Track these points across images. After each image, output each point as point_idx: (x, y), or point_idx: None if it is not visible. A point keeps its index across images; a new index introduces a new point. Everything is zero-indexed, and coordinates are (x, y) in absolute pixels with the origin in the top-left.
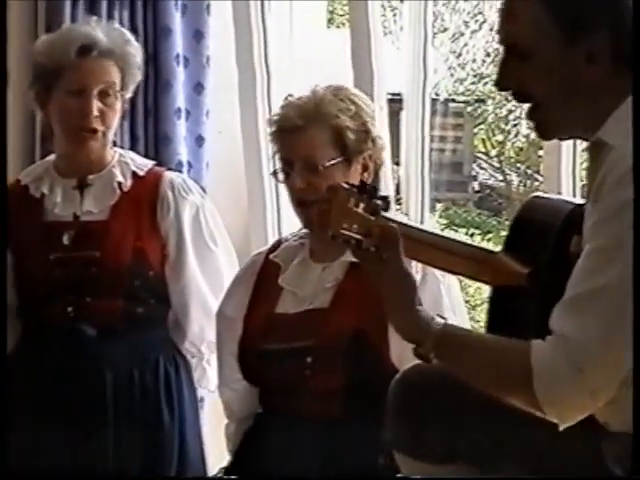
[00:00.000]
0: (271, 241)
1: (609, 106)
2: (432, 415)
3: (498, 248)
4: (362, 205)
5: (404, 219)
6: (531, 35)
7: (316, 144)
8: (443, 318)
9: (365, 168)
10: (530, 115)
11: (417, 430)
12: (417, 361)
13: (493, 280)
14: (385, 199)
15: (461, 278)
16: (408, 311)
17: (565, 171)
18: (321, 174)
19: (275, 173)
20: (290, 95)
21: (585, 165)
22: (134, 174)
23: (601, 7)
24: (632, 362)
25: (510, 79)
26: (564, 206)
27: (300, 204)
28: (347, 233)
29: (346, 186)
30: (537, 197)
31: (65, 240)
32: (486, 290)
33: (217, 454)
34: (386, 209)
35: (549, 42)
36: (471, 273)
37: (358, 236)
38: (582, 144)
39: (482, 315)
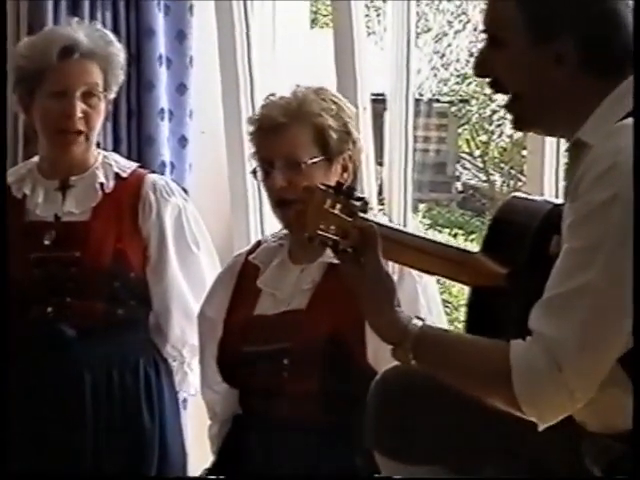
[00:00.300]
0: (253, 241)
1: (588, 107)
2: (412, 416)
3: (477, 249)
4: (339, 206)
5: (384, 220)
6: (505, 27)
7: (298, 142)
8: (421, 319)
9: (345, 169)
10: (506, 106)
11: (397, 431)
12: (395, 363)
13: (472, 281)
14: (362, 200)
15: (442, 279)
16: (386, 313)
17: (548, 172)
18: (302, 172)
19: (255, 172)
20: (271, 94)
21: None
22: (117, 176)
23: (570, 12)
24: (611, 363)
25: (484, 67)
26: (543, 206)
27: (279, 203)
28: (323, 234)
29: (322, 187)
30: (516, 197)
31: (46, 240)
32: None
33: (201, 456)
34: (364, 210)
35: (520, 37)
36: (449, 274)
37: (335, 237)
38: (565, 145)
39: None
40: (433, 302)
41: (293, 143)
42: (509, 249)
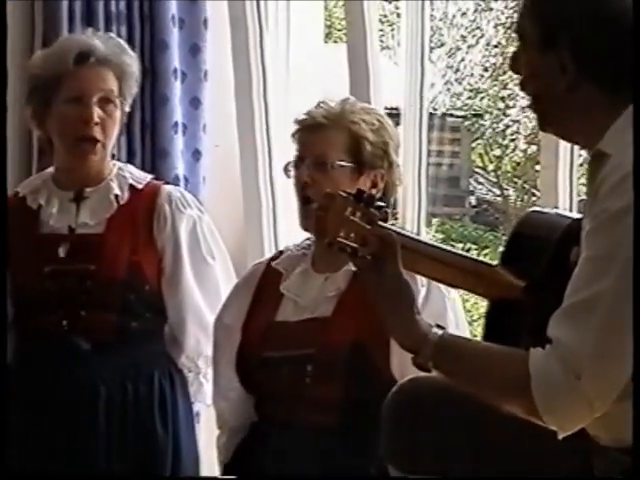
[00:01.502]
0: (267, 254)
1: (605, 119)
2: (424, 430)
3: (495, 263)
4: (359, 214)
5: (403, 230)
6: (523, 34)
7: (330, 144)
8: (441, 327)
9: (374, 185)
10: (529, 105)
11: (408, 444)
12: (418, 373)
13: (489, 293)
14: (383, 208)
15: (460, 292)
16: (406, 319)
17: (562, 186)
18: (328, 174)
19: (286, 168)
20: (322, 101)
21: (582, 180)
22: (131, 187)
23: (567, 24)
24: (631, 372)
25: (515, 65)
26: (561, 220)
27: (303, 201)
28: (343, 241)
29: (343, 194)
30: (534, 212)
31: (60, 252)
32: (483, 305)
33: (212, 467)
34: (385, 219)
35: (533, 44)
36: (468, 286)
37: (354, 244)
38: (579, 159)
39: (479, 330)
40: (460, 317)
41: (325, 143)
42: (528, 262)
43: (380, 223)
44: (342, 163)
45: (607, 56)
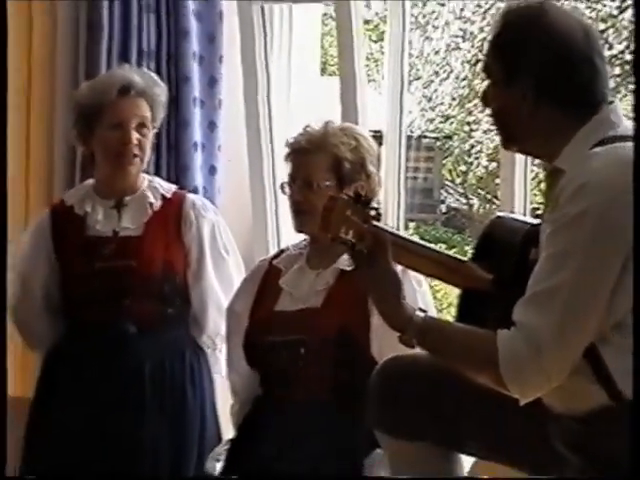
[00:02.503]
0: (271, 251)
1: (563, 139)
2: (405, 399)
3: (466, 259)
4: (357, 214)
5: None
6: (490, 72)
7: (315, 167)
8: (423, 311)
9: (367, 196)
10: (497, 129)
11: (392, 412)
12: (395, 354)
13: (462, 284)
14: (377, 210)
15: (434, 283)
16: (394, 303)
17: (518, 196)
18: (315, 192)
19: (282, 186)
20: (308, 126)
21: (535, 191)
22: (162, 196)
23: (527, 60)
24: (582, 351)
25: (485, 99)
26: (522, 225)
27: (295, 213)
28: (344, 237)
29: (345, 197)
30: (500, 217)
31: (106, 252)
32: (452, 296)
33: (224, 429)
34: (378, 219)
35: (499, 80)
36: (443, 277)
37: (352, 240)
38: (532, 174)
39: (448, 317)
40: (430, 306)
41: (311, 167)
42: (494, 259)
43: (374, 223)
44: (326, 183)
45: (561, 84)
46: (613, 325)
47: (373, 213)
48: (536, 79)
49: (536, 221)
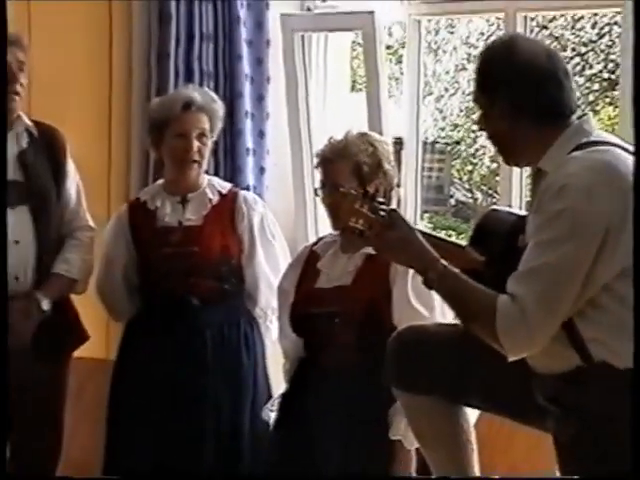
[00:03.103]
0: (310, 239)
1: (543, 146)
2: (415, 361)
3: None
4: (366, 206)
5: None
6: (476, 98)
7: (340, 173)
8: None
9: (376, 190)
10: (493, 145)
11: (404, 371)
12: (411, 323)
13: (460, 265)
14: (383, 203)
15: None
16: (421, 250)
17: (515, 192)
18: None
19: (316, 191)
20: (331, 137)
21: (529, 187)
22: (219, 192)
23: (501, 82)
24: (561, 321)
25: (480, 123)
26: (511, 217)
27: (330, 213)
28: (353, 225)
29: (353, 192)
30: (493, 210)
31: (174, 239)
32: None
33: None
34: (384, 209)
35: (484, 103)
36: (446, 258)
37: (362, 228)
38: (526, 173)
39: None
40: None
41: (336, 173)
42: (487, 245)
43: (382, 213)
44: (350, 185)
45: (531, 100)
46: (588, 301)
47: (381, 205)
48: (510, 100)
49: (523, 213)
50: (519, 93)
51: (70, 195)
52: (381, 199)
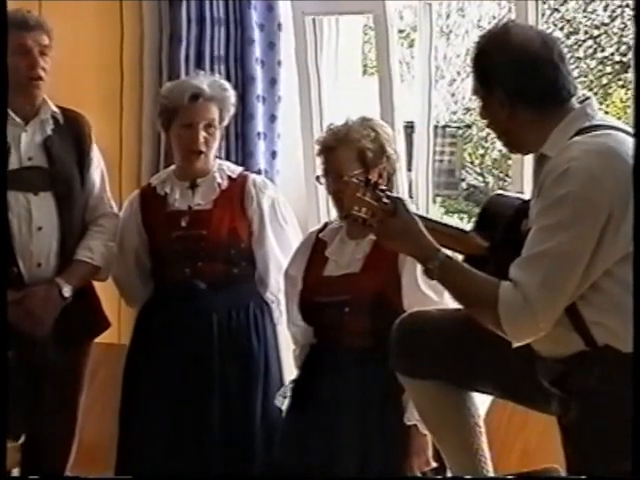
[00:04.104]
0: (323, 221)
1: (544, 132)
2: (419, 346)
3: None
4: (368, 194)
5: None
6: (476, 90)
7: (342, 161)
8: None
9: (380, 175)
10: (497, 137)
11: (407, 357)
12: (420, 308)
13: (465, 250)
14: (384, 190)
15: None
16: (420, 239)
17: (527, 176)
18: (347, 181)
19: (318, 178)
20: (331, 124)
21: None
22: (229, 177)
23: (498, 72)
24: (564, 306)
25: (481, 114)
26: (514, 201)
27: (335, 200)
28: (356, 214)
29: (355, 180)
30: (497, 194)
31: (183, 223)
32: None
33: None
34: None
35: (482, 94)
36: (450, 245)
37: (364, 216)
38: None
39: None
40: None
41: (340, 161)
42: (490, 230)
43: (384, 200)
44: (355, 172)
45: (528, 85)
46: (591, 285)
47: (382, 193)
48: (506, 87)
49: (527, 198)
50: (515, 80)
51: (94, 182)
52: (384, 186)
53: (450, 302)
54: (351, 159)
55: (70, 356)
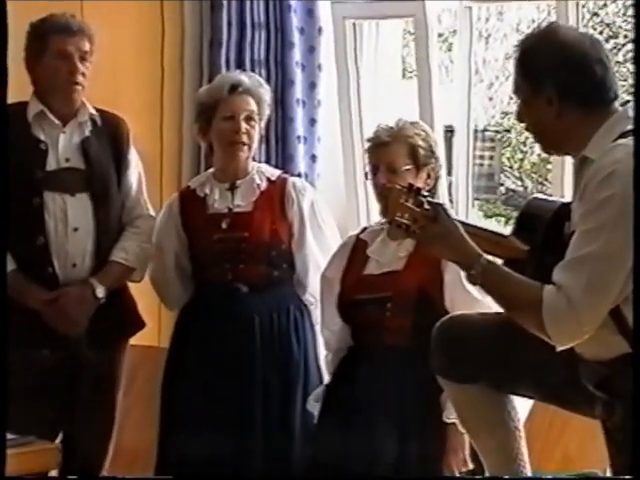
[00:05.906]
0: (362, 224)
1: (588, 133)
2: (460, 350)
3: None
4: (411, 200)
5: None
6: (518, 89)
7: (396, 155)
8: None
9: (429, 176)
10: (534, 138)
11: (448, 360)
12: (464, 309)
13: (504, 254)
14: (426, 197)
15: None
16: (463, 245)
17: (567, 179)
18: (398, 176)
19: (366, 174)
20: (381, 124)
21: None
22: (268, 179)
23: (548, 70)
24: (608, 309)
25: (519, 116)
26: (553, 204)
27: (381, 196)
28: (399, 220)
29: (398, 187)
30: (535, 198)
31: (223, 225)
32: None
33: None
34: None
35: (527, 94)
36: (490, 249)
37: (407, 222)
38: None
39: None
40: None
41: (393, 155)
42: (529, 233)
43: (426, 207)
44: (407, 167)
45: (579, 84)
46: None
47: (424, 199)
48: (558, 84)
49: (566, 200)
50: (566, 77)
51: (131, 184)
52: (425, 192)
53: (491, 301)
54: (403, 154)
55: (105, 356)
